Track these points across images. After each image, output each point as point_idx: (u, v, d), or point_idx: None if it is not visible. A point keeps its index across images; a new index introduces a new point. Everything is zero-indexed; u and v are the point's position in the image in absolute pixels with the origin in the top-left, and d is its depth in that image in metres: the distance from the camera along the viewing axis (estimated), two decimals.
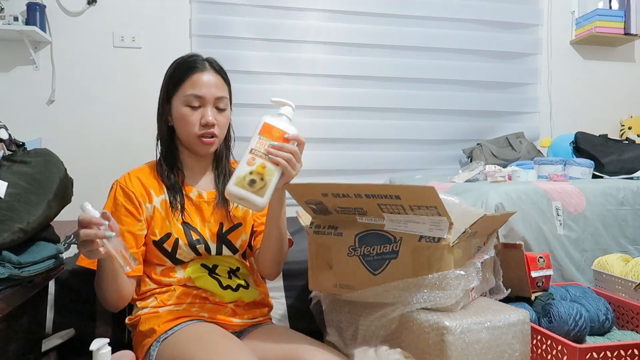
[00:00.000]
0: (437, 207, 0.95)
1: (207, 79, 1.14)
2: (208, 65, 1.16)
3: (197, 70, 1.14)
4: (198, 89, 1.12)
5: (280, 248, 1.19)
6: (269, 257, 1.19)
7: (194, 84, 1.13)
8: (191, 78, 1.13)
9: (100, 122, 2.40)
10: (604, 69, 3.03)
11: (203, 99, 1.13)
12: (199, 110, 1.13)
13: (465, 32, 2.78)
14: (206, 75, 1.14)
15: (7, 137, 1.20)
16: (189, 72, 1.13)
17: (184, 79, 1.13)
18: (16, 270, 0.97)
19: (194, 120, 1.13)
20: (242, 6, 2.51)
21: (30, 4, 2.24)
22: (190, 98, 1.12)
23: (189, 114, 1.13)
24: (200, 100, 1.13)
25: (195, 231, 1.16)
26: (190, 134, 1.14)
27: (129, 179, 1.17)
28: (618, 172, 2.15)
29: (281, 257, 1.21)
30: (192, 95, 1.12)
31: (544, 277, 1.32)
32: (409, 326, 1.00)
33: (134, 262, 0.96)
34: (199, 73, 1.13)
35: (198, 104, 1.13)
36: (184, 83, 1.13)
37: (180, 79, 1.14)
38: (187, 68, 1.14)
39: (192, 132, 1.14)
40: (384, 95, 2.69)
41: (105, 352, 0.88)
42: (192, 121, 1.13)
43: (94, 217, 0.93)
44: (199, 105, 1.13)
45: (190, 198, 1.19)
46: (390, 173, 2.68)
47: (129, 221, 1.13)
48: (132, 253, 0.99)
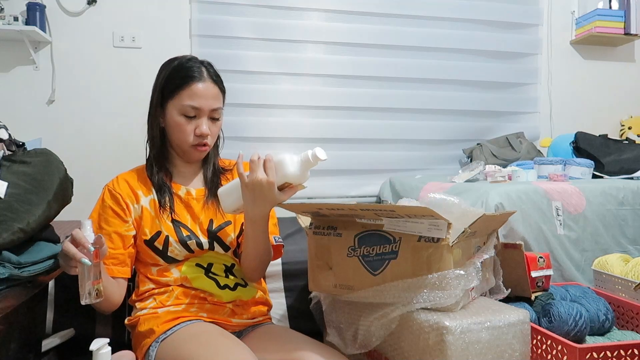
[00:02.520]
0: (434, 215, 0.96)
1: (205, 91, 1.14)
2: (206, 73, 1.15)
3: (195, 79, 1.13)
4: (196, 101, 1.12)
5: (260, 259, 1.18)
6: (249, 265, 1.19)
7: (192, 94, 1.12)
8: (189, 87, 1.13)
9: (100, 122, 2.40)
10: (604, 69, 3.03)
11: (199, 110, 1.13)
12: (194, 120, 1.14)
13: (465, 32, 2.77)
14: (204, 86, 1.14)
15: (7, 137, 1.21)
16: (187, 81, 1.13)
17: (182, 87, 1.13)
18: (16, 270, 0.98)
19: (189, 130, 1.14)
20: (242, 6, 2.51)
21: (30, 4, 2.24)
22: (187, 108, 1.13)
23: (184, 124, 1.14)
24: (197, 111, 1.14)
25: (185, 228, 1.16)
26: (184, 142, 1.16)
27: (117, 182, 1.19)
28: (618, 172, 2.15)
29: (262, 265, 1.21)
30: (189, 106, 1.13)
31: (544, 277, 1.32)
32: (409, 326, 1.00)
33: (95, 298, 0.93)
34: (197, 83, 1.13)
35: (194, 114, 1.14)
36: (181, 91, 1.13)
37: (178, 86, 1.13)
38: (185, 75, 1.14)
39: (186, 141, 1.15)
40: (383, 95, 2.69)
41: (105, 352, 0.88)
42: (187, 131, 1.14)
43: (84, 237, 0.94)
44: (194, 116, 1.14)
45: (179, 196, 1.20)
46: (390, 173, 2.68)
47: (116, 222, 1.15)
48: (99, 288, 0.94)
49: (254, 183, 1.00)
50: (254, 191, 1.02)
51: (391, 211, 0.99)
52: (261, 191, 1.01)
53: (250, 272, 1.20)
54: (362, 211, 1.03)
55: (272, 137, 2.53)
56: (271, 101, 2.54)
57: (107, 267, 1.12)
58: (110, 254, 1.12)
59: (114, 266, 1.13)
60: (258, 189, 1.01)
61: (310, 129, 2.60)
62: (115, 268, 1.13)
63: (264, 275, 1.27)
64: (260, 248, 1.14)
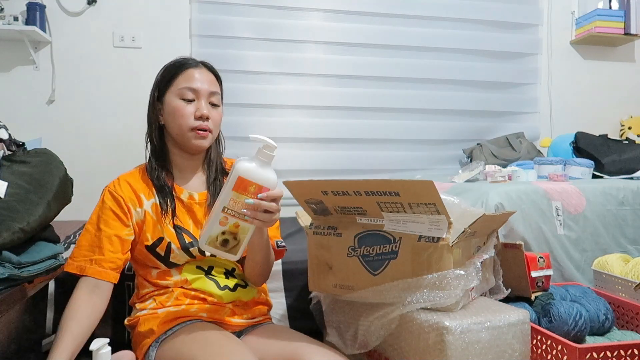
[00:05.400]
0: (436, 203, 0.95)
1: (201, 75, 1.15)
2: (201, 63, 1.18)
3: (190, 66, 1.16)
4: (192, 82, 1.14)
5: (264, 266, 1.17)
6: (253, 272, 1.19)
7: (188, 77, 1.14)
8: (185, 72, 1.15)
9: (100, 122, 2.41)
10: (604, 69, 3.03)
11: (197, 91, 1.14)
12: (193, 103, 1.14)
13: (465, 32, 2.78)
14: (199, 71, 1.16)
15: (7, 137, 1.21)
16: (183, 68, 1.15)
17: (178, 74, 1.15)
18: (16, 270, 0.97)
19: (188, 112, 1.13)
20: (242, 6, 2.51)
21: (30, 4, 2.24)
22: (185, 91, 1.13)
23: (183, 107, 1.13)
24: (195, 92, 1.14)
25: (187, 234, 1.15)
26: (184, 127, 1.13)
27: (118, 184, 1.16)
28: (618, 172, 2.15)
29: (266, 271, 1.21)
30: (186, 87, 1.13)
31: (544, 277, 1.32)
32: (408, 326, 1.00)
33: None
34: (193, 68, 1.15)
35: (192, 96, 1.14)
36: (177, 78, 1.14)
37: (174, 74, 1.15)
38: (180, 65, 1.16)
39: (186, 124, 1.13)
40: (384, 95, 2.69)
41: (105, 352, 0.88)
42: (186, 114, 1.13)
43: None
44: (193, 99, 1.14)
45: (181, 200, 1.18)
46: (390, 173, 2.69)
47: (116, 225, 1.12)
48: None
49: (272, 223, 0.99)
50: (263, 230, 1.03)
51: (395, 194, 0.97)
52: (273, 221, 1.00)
53: (254, 278, 1.20)
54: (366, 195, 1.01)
55: (272, 137, 2.49)
56: (271, 101, 2.54)
57: (103, 271, 1.09)
58: (109, 257, 1.10)
59: (110, 270, 1.10)
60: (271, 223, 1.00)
61: (310, 129, 2.60)
62: (111, 273, 1.10)
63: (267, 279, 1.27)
64: (262, 258, 1.14)
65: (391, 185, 0.98)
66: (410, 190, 0.96)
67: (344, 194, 1.05)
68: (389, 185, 0.98)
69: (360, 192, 1.02)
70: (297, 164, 2.57)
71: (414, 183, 0.96)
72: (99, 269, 1.08)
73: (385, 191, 0.99)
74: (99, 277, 1.08)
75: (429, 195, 0.95)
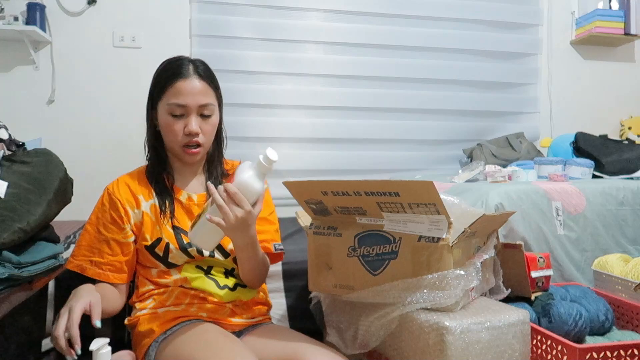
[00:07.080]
0: (436, 203, 0.95)
1: (191, 87, 1.09)
2: (192, 70, 1.11)
3: (180, 77, 1.10)
4: (181, 98, 1.09)
5: (254, 272, 1.17)
6: (246, 278, 1.18)
7: (177, 92, 1.09)
8: (174, 86, 1.09)
9: (100, 122, 2.40)
10: (604, 69, 3.03)
11: (186, 107, 1.10)
12: (183, 119, 1.11)
13: (465, 32, 2.78)
14: (189, 83, 1.10)
15: (7, 137, 1.21)
16: (172, 79, 1.10)
17: (167, 86, 1.10)
18: (16, 270, 0.97)
19: (177, 129, 1.11)
20: (242, 6, 2.51)
21: (30, 4, 2.24)
22: (173, 107, 1.10)
23: (172, 123, 1.11)
24: (183, 109, 1.10)
25: (186, 234, 1.15)
26: (174, 143, 1.13)
27: (117, 185, 1.17)
28: (618, 172, 2.15)
29: (259, 276, 1.20)
30: (174, 104, 1.09)
31: (544, 277, 1.32)
32: (408, 326, 1.00)
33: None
34: (182, 80, 1.09)
35: (181, 112, 1.10)
36: (166, 91, 1.10)
37: (164, 85, 1.11)
38: (170, 74, 1.11)
39: (176, 141, 1.12)
40: (384, 95, 2.69)
41: (105, 352, 0.88)
42: (176, 130, 1.11)
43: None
44: (182, 114, 1.11)
45: (180, 201, 1.18)
46: (390, 173, 2.69)
47: (114, 229, 1.14)
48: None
49: (235, 225, 0.95)
50: (236, 229, 0.97)
51: (395, 194, 0.97)
52: (244, 224, 0.97)
53: (250, 282, 1.20)
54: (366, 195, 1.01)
55: (272, 137, 2.53)
56: (271, 101, 2.54)
57: (104, 274, 1.11)
58: (108, 260, 1.12)
59: (110, 272, 1.12)
60: (241, 226, 0.97)
61: (310, 129, 2.60)
62: (112, 275, 1.12)
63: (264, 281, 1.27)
64: (254, 264, 1.13)
65: (391, 186, 0.98)
66: (410, 191, 0.96)
67: (344, 194, 1.05)
68: (389, 185, 0.98)
69: (360, 193, 1.02)
70: (297, 164, 2.57)
71: (414, 183, 0.96)
72: (99, 270, 1.12)
73: (385, 191, 0.99)
74: (98, 278, 1.12)
75: (429, 195, 0.95)
